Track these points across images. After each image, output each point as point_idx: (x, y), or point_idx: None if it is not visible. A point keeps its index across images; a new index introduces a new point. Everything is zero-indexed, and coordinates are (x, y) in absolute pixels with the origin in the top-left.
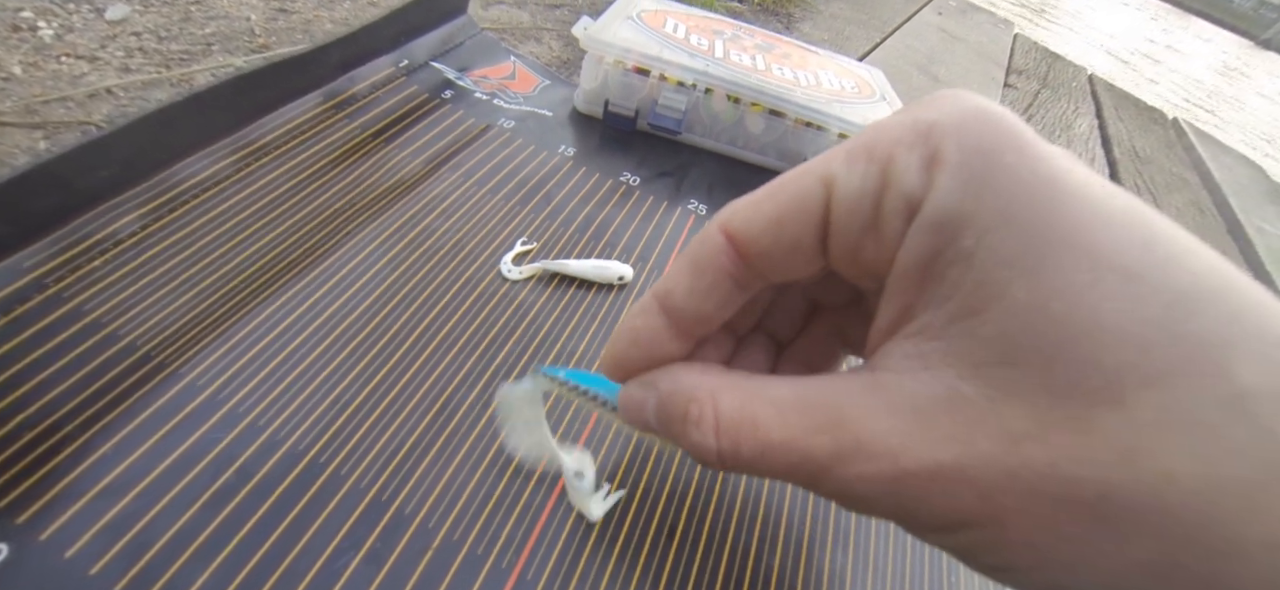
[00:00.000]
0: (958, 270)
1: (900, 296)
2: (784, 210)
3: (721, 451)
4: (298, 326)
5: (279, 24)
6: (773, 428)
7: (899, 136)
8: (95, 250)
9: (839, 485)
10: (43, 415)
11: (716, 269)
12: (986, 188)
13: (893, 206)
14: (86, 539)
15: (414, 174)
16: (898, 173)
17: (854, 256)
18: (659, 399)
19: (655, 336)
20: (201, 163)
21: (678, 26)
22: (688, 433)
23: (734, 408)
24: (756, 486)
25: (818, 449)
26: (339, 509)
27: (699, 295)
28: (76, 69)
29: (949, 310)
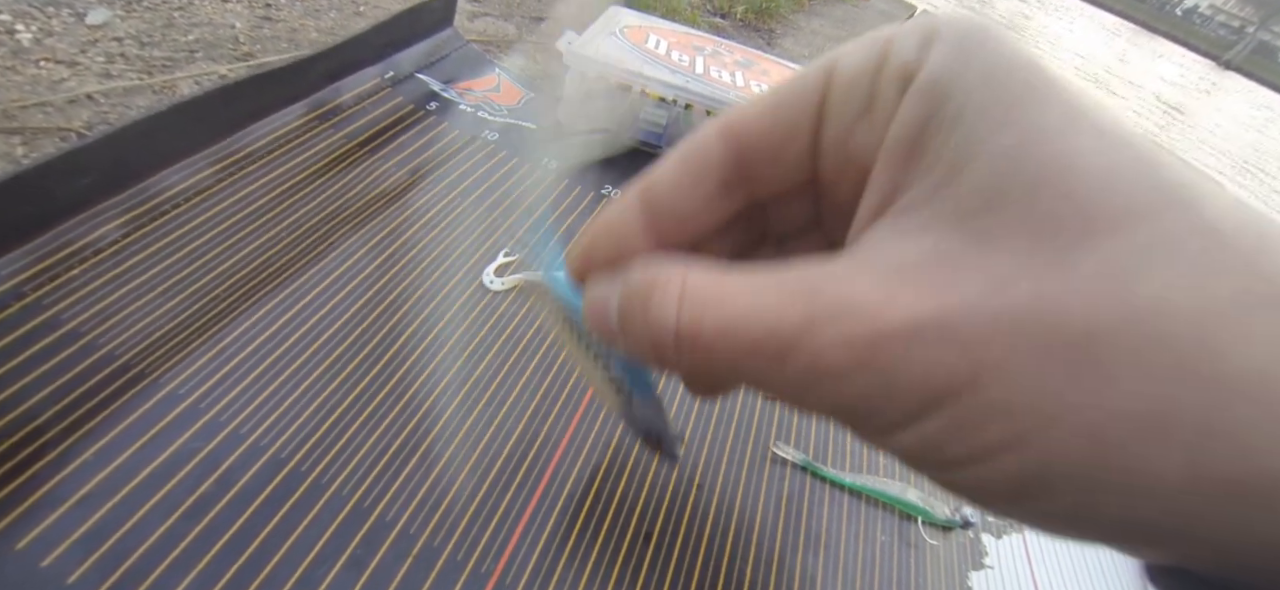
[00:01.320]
0: (943, 134)
1: (886, 176)
2: (783, 97)
3: (680, 327)
4: (280, 336)
5: (264, 32)
6: (740, 298)
7: (899, 29)
8: (74, 259)
9: (808, 357)
10: (20, 424)
11: (705, 164)
12: (973, 56)
13: (889, 78)
14: (64, 547)
15: (398, 185)
16: (896, 49)
17: (845, 145)
18: (626, 286)
19: (629, 231)
20: (184, 172)
21: (659, 43)
22: (649, 309)
23: (703, 282)
24: (730, 492)
25: (789, 316)
26: (320, 516)
27: (683, 190)
28: (56, 74)
29: (934, 177)
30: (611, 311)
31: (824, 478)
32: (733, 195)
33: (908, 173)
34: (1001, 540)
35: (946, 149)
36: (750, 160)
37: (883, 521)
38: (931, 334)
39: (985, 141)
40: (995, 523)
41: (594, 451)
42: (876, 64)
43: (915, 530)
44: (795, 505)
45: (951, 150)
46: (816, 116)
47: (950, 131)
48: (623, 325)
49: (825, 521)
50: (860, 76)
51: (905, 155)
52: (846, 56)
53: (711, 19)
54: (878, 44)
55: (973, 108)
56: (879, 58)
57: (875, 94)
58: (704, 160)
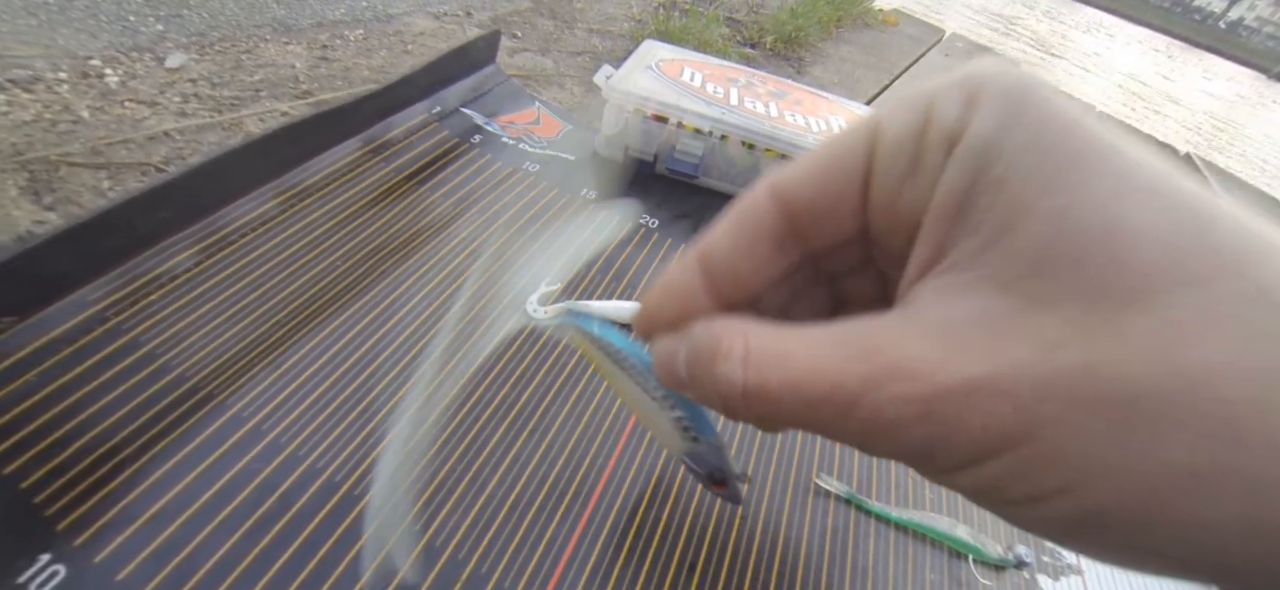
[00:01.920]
0: (989, 197)
1: (934, 235)
2: (830, 160)
3: (747, 386)
4: (336, 361)
5: (321, 71)
6: (803, 358)
7: (940, 86)
8: (153, 285)
9: (871, 412)
10: (100, 441)
11: (758, 226)
12: (1019, 119)
13: (934, 142)
14: (136, 563)
15: (445, 215)
16: (939, 112)
17: (893, 204)
18: (691, 345)
19: (690, 292)
20: (250, 204)
21: (694, 75)
22: (716, 367)
23: (765, 341)
24: (774, 524)
25: (850, 376)
26: (373, 540)
27: (739, 252)
28: (138, 113)
29: (981, 238)
30: (680, 365)
31: (870, 511)
32: (787, 252)
33: (955, 232)
34: (1058, 582)
35: (993, 212)
36: (801, 221)
37: (932, 558)
38: (986, 393)
39: (1032, 206)
40: (1052, 564)
41: (637, 482)
42: (920, 126)
43: (966, 569)
44: (840, 538)
45: (998, 213)
46: (864, 177)
47: (996, 194)
48: (692, 378)
49: (872, 556)
50: (905, 139)
51: (952, 216)
52: (890, 119)
53: (742, 49)
54: (920, 106)
55: (1018, 172)
56: (922, 120)
57: (920, 156)
58: (757, 223)
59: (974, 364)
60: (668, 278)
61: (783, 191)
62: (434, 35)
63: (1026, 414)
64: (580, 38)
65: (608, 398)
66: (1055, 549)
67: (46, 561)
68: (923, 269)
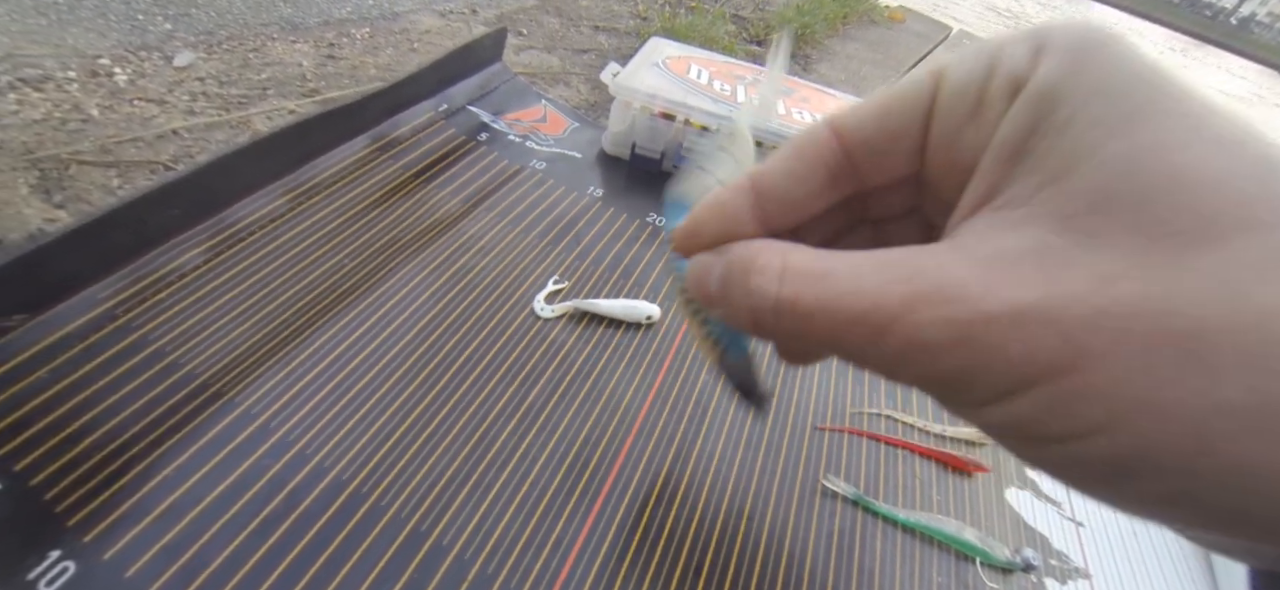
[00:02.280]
0: (1051, 139)
1: (991, 174)
2: (892, 100)
3: (780, 299)
4: (343, 359)
5: (328, 69)
6: (843, 276)
7: (1010, 37)
8: (162, 283)
9: (908, 333)
10: (110, 438)
11: (815, 156)
12: (1087, 64)
13: (999, 87)
14: (146, 559)
15: (452, 213)
16: (1006, 58)
17: (951, 146)
18: (727, 261)
19: (738, 212)
20: (259, 202)
21: (701, 73)
22: (750, 279)
23: (805, 258)
24: (780, 526)
25: (890, 296)
26: (379, 539)
27: (794, 178)
28: (147, 112)
29: (1039, 177)
30: (713, 280)
31: (876, 513)
32: (839, 186)
33: (1013, 171)
34: (1066, 585)
35: (1054, 153)
36: (859, 156)
37: (939, 561)
38: (1033, 320)
39: (1096, 147)
40: (1059, 566)
41: (644, 482)
42: (986, 71)
43: (973, 572)
44: (847, 540)
45: (1059, 154)
46: (925, 118)
47: (1059, 136)
48: (723, 293)
49: (878, 558)
50: (970, 82)
51: (1011, 155)
52: (957, 63)
53: (748, 47)
54: (987, 52)
55: (1084, 116)
56: (989, 65)
57: (984, 99)
58: (816, 153)
59: (1022, 291)
60: (717, 195)
61: (843, 126)
62: (440, 33)
63: (1073, 343)
64: (586, 35)
65: (614, 397)
66: (1062, 553)
67: (56, 558)
68: (975, 206)
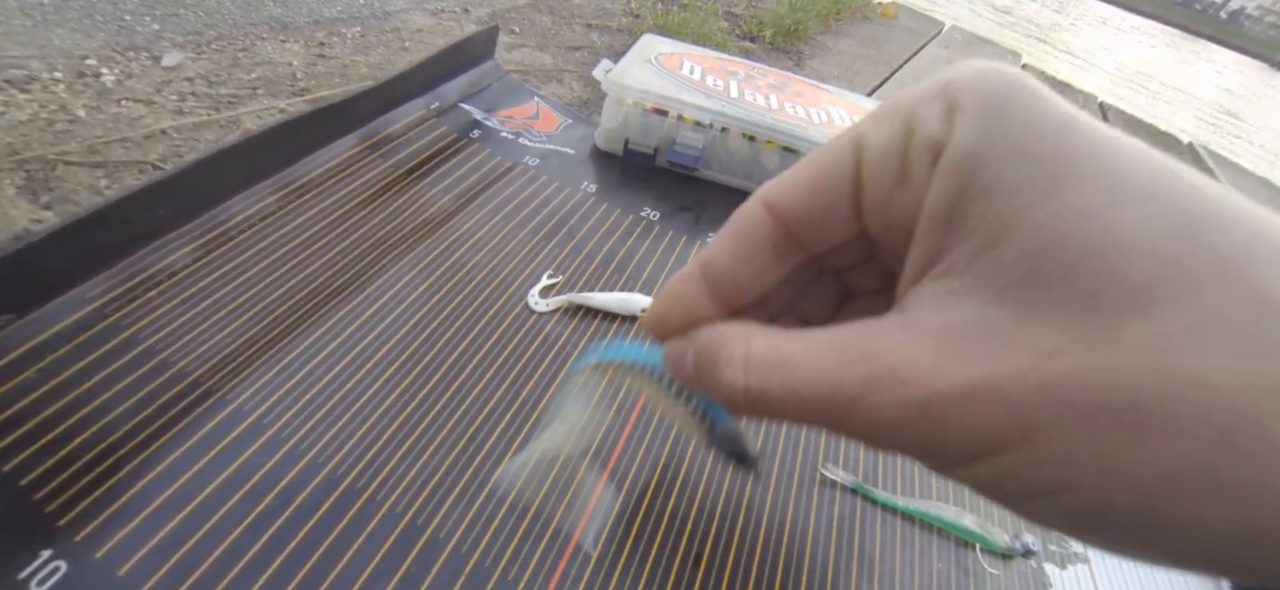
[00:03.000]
0: (979, 205)
1: (928, 240)
2: (818, 173)
3: (749, 388)
4: (336, 355)
5: (319, 68)
6: (802, 364)
7: (920, 95)
8: (151, 282)
9: (869, 414)
10: (100, 437)
11: (756, 237)
12: (1002, 127)
13: (918, 153)
14: (138, 559)
15: (444, 210)
16: (920, 122)
17: (886, 211)
18: (697, 347)
19: (695, 301)
20: (249, 200)
21: (694, 68)
22: (719, 372)
23: (765, 347)
24: (780, 514)
25: (848, 381)
26: (375, 533)
27: (739, 262)
28: (135, 112)
29: (973, 245)
30: (688, 365)
31: (876, 501)
32: (786, 259)
33: (948, 238)
34: (1066, 571)
35: (984, 220)
36: (796, 230)
37: (939, 547)
38: (980, 398)
39: (1022, 215)
40: (1059, 552)
41: (641, 474)
42: (903, 137)
43: (973, 558)
44: (847, 528)
45: (989, 221)
46: (854, 187)
47: (986, 203)
48: (699, 378)
49: (878, 546)
50: (890, 151)
51: (944, 223)
52: (873, 130)
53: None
54: (901, 116)
55: (1006, 181)
56: (904, 131)
57: (906, 166)
58: (754, 234)
59: (968, 369)
60: (672, 288)
61: (776, 203)
62: (432, 32)
63: (1021, 418)
64: (578, 33)
65: (611, 392)
66: (1062, 538)
67: (47, 557)
68: (919, 272)
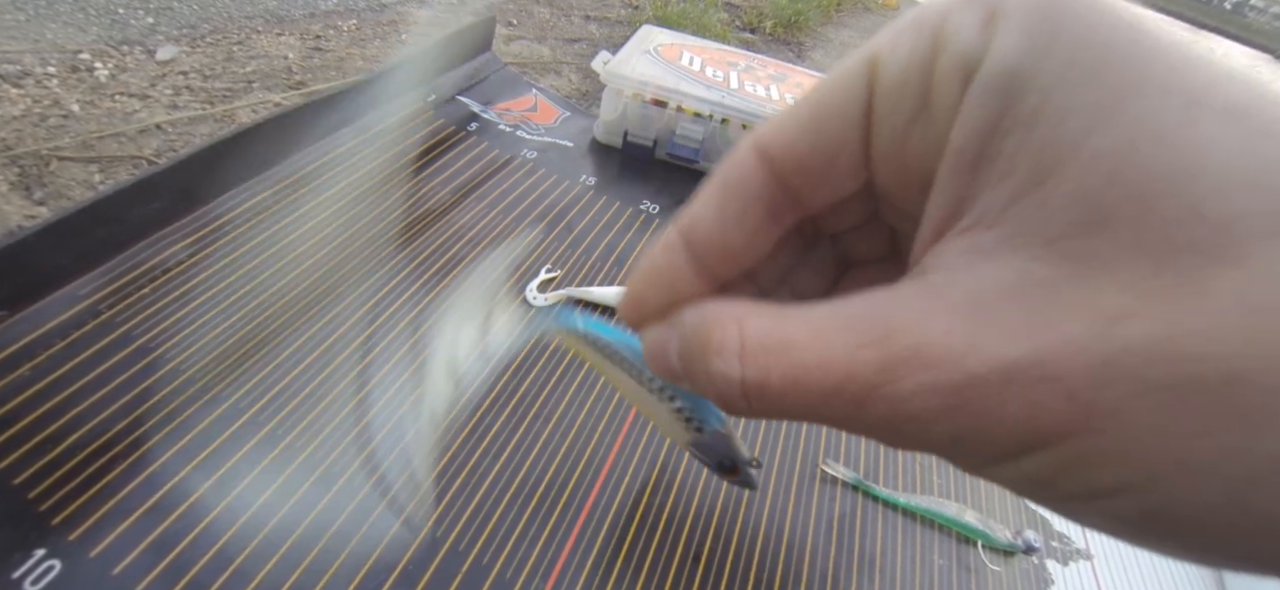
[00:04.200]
0: (1018, 138)
1: (953, 186)
2: (823, 106)
3: (746, 381)
4: (332, 351)
5: (314, 62)
6: (808, 348)
7: (951, 2)
8: (146, 278)
9: (889, 406)
10: (94, 435)
11: (747, 193)
12: (1055, 38)
13: (947, 73)
14: (133, 557)
15: (442, 203)
16: (951, 34)
17: (900, 153)
18: (682, 335)
19: (677, 274)
20: (243, 195)
21: (693, 59)
22: (710, 362)
23: (763, 330)
24: (780, 511)
25: (863, 365)
26: (372, 531)
27: (728, 225)
28: (129, 107)
29: (1011, 187)
30: (672, 357)
31: (877, 497)
32: (781, 219)
33: (979, 180)
34: (1068, 567)
35: (1026, 154)
36: (794, 182)
37: (940, 544)
38: (1029, 378)
39: (1078, 145)
40: (1061, 549)
41: (641, 470)
42: (928, 54)
43: (975, 554)
44: (847, 525)
45: (1033, 155)
46: (863, 125)
47: (1029, 132)
48: (686, 371)
49: (879, 543)
50: (909, 72)
51: (974, 162)
52: (891, 48)
53: (741, 34)
54: (927, 27)
55: (1057, 104)
56: (930, 45)
57: (931, 91)
58: (745, 191)
59: (1012, 344)
60: (650, 260)
61: (770, 149)
62: (428, 24)
63: (1080, 401)
64: (577, 25)
65: (609, 385)
66: (1064, 535)
67: (41, 556)
68: (941, 227)
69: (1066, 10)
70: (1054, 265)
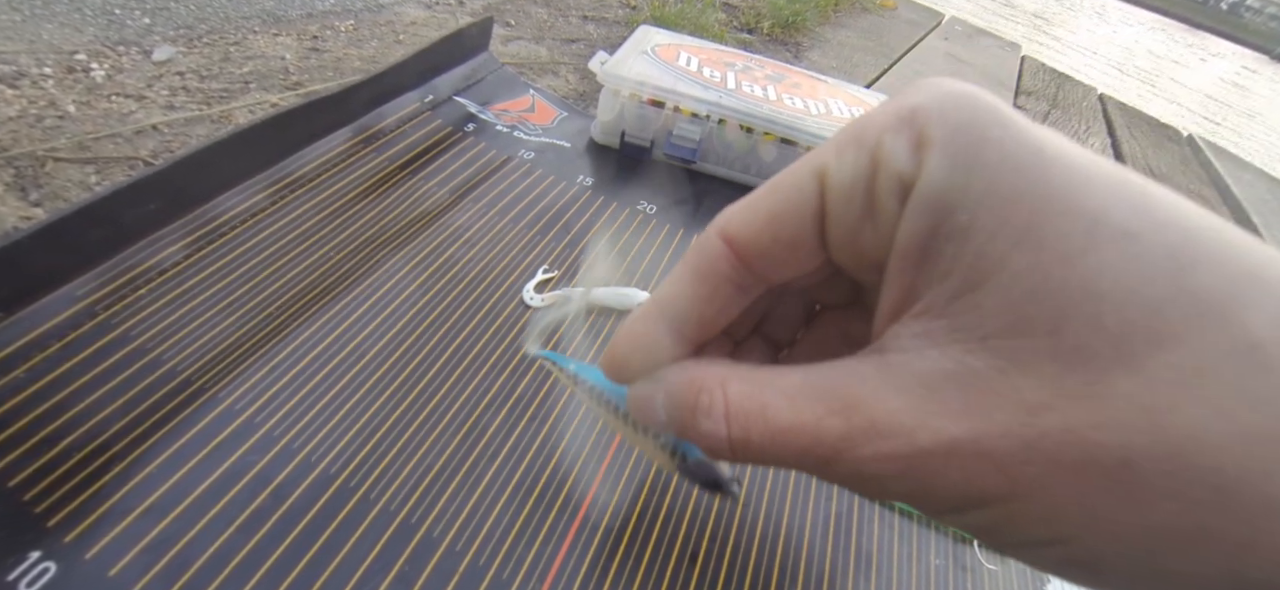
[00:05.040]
0: (954, 246)
1: (901, 278)
2: (780, 207)
3: (732, 439)
4: (329, 352)
5: (311, 62)
6: (782, 413)
7: (885, 123)
8: (142, 279)
9: (852, 467)
10: (90, 437)
11: (717, 275)
12: (975, 163)
13: (886, 188)
14: (129, 558)
15: (439, 204)
16: (887, 156)
17: (853, 245)
18: (667, 392)
19: (656, 343)
20: (240, 196)
21: (691, 60)
22: (698, 423)
23: (743, 395)
24: (777, 511)
25: (828, 432)
26: (369, 532)
27: (701, 302)
28: (125, 107)
29: (950, 286)
30: (658, 409)
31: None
32: (749, 292)
33: (923, 277)
34: None
35: (961, 262)
36: (759, 266)
37: (936, 543)
38: (967, 453)
39: (1002, 260)
40: None
41: (637, 471)
42: (868, 171)
43: (971, 554)
44: (844, 524)
45: (967, 263)
46: (818, 222)
47: (962, 243)
48: (672, 424)
49: (876, 542)
50: (855, 186)
51: (917, 262)
52: (836, 164)
53: (739, 34)
54: (866, 148)
55: (983, 223)
56: (870, 164)
57: (873, 202)
58: (715, 273)
59: (953, 424)
60: (630, 329)
61: (737, 239)
62: (426, 24)
63: (1009, 474)
64: (574, 25)
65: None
66: None
67: (37, 559)
68: (896, 310)
69: (984, 137)
70: (987, 359)
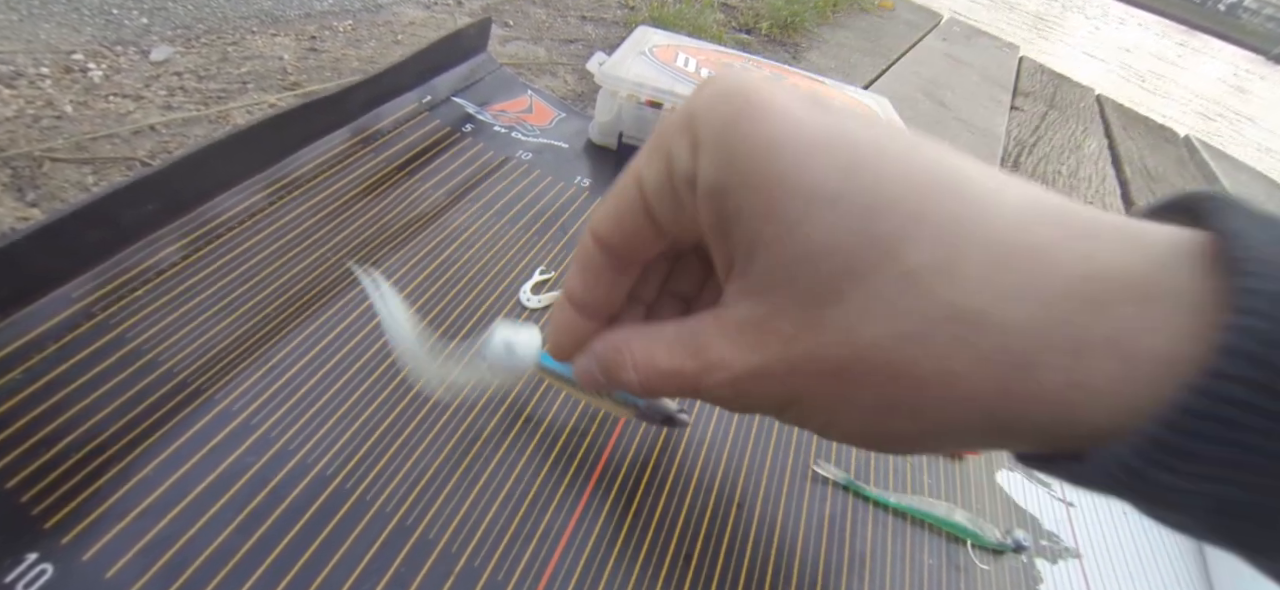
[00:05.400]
0: (734, 225)
1: (717, 249)
2: (620, 208)
3: (641, 383)
4: (326, 353)
5: (309, 62)
6: (663, 359)
7: (674, 127)
8: (139, 280)
9: (707, 393)
10: (88, 438)
11: (596, 266)
12: (731, 159)
13: (680, 186)
14: (126, 560)
15: (437, 205)
16: (675, 159)
17: (678, 228)
18: (598, 360)
19: (575, 326)
20: (237, 196)
21: (689, 61)
22: (620, 376)
23: (641, 350)
24: (771, 512)
25: (690, 369)
26: (365, 533)
27: (590, 288)
28: (123, 107)
29: (742, 256)
30: (598, 373)
31: (867, 497)
32: (629, 271)
33: (726, 248)
34: (1057, 566)
35: (742, 237)
36: (621, 253)
37: (929, 544)
38: (761, 376)
39: (759, 234)
40: (1050, 547)
41: (632, 472)
42: (666, 172)
43: (964, 553)
44: (838, 526)
45: (744, 238)
46: (649, 216)
47: (736, 224)
48: (609, 383)
49: (869, 543)
50: (661, 183)
51: (721, 238)
52: (646, 170)
53: (737, 35)
54: (662, 153)
55: (743, 209)
56: (666, 167)
57: (677, 195)
58: (594, 265)
59: (751, 357)
60: (555, 320)
61: (598, 235)
62: (424, 25)
63: (787, 385)
64: (573, 25)
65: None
66: (1053, 534)
67: (34, 560)
68: (724, 271)
69: (736, 133)
70: (765, 308)
